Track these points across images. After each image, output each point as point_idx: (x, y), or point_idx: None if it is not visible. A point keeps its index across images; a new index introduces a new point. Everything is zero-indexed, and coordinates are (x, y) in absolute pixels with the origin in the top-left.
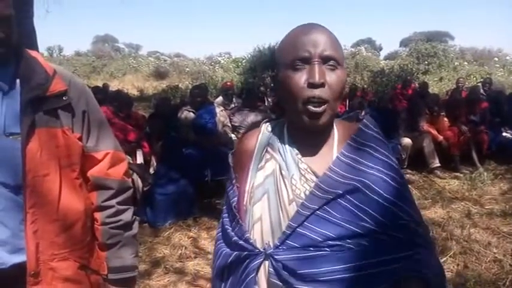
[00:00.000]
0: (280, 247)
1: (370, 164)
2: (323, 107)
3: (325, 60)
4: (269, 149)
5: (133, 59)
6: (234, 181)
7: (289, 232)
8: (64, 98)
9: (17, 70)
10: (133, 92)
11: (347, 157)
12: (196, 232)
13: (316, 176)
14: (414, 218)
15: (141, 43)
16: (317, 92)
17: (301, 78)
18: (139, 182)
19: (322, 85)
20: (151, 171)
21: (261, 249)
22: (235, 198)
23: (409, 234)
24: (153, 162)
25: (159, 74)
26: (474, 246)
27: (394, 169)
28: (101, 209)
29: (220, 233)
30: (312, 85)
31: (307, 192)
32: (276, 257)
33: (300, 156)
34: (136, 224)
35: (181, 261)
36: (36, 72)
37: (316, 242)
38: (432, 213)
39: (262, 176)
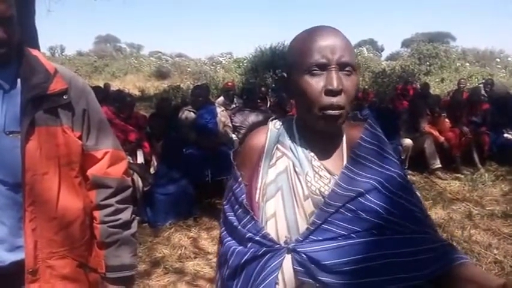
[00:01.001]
0: (303, 241)
1: (379, 162)
2: (340, 111)
3: (342, 66)
4: (280, 147)
5: (135, 59)
6: (240, 179)
7: (313, 228)
8: (64, 96)
9: (18, 69)
10: (135, 92)
11: (359, 156)
12: (196, 232)
13: (330, 173)
14: (422, 209)
15: (143, 43)
16: (334, 100)
17: (318, 84)
18: (139, 182)
19: (339, 92)
20: (152, 171)
21: (282, 244)
22: (244, 196)
23: (420, 225)
24: (154, 162)
25: (161, 74)
26: (475, 248)
27: (398, 166)
28: (100, 207)
29: (225, 232)
30: (330, 92)
31: (323, 189)
32: (299, 249)
33: (312, 154)
34: (135, 223)
35: (181, 262)
36: (37, 71)
37: (341, 235)
38: (433, 214)
39: (274, 173)
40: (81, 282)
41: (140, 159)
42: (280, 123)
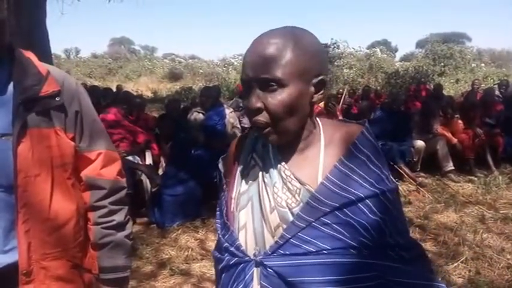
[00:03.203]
0: (271, 255)
1: (364, 176)
2: (266, 130)
3: (263, 82)
4: (254, 155)
5: (148, 61)
6: (224, 187)
7: (282, 242)
8: (57, 98)
9: (10, 71)
10: (148, 94)
11: (345, 166)
12: (203, 234)
13: (301, 183)
14: (394, 235)
15: (156, 45)
16: (256, 118)
17: (246, 100)
18: (147, 183)
19: (258, 110)
20: (160, 172)
21: (251, 257)
22: (225, 204)
23: (391, 249)
24: (162, 163)
25: (174, 76)
26: (487, 252)
27: (384, 182)
28: (94, 208)
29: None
30: (249, 111)
31: (290, 201)
32: (266, 263)
33: (283, 163)
34: (129, 225)
35: (187, 263)
36: (29, 73)
37: (310, 252)
38: (445, 217)
39: (247, 183)
40: (76, 283)
41: (149, 160)
42: None
